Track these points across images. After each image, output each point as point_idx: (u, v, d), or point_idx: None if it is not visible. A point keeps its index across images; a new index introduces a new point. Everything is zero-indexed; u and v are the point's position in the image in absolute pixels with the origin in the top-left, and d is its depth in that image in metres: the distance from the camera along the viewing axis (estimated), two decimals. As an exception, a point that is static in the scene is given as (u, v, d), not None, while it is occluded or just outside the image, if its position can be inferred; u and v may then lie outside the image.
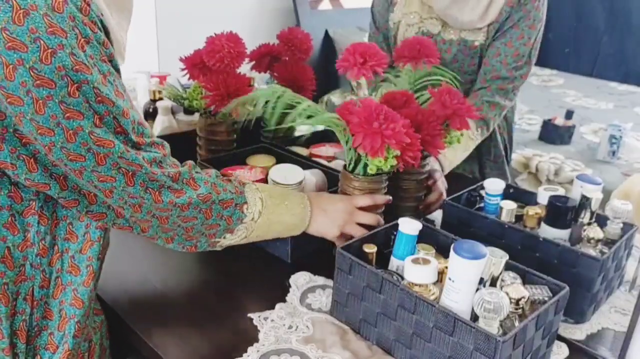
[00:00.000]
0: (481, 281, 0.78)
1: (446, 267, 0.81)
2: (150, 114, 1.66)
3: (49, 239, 0.77)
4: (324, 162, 1.37)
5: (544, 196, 1.05)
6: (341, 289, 0.90)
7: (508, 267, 0.84)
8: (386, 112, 0.94)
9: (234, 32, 1.26)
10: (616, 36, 3.62)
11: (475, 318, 0.76)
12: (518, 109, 1.71)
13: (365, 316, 0.87)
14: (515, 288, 0.79)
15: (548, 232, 1.01)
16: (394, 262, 0.92)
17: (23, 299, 0.76)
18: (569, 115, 2.49)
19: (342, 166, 1.06)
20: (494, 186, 1.08)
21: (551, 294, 0.82)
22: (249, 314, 0.92)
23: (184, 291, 1.01)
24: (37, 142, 0.68)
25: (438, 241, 0.95)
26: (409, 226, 0.90)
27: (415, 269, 0.81)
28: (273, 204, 0.93)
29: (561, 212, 1.00)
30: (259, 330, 0.89)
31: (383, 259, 0.94)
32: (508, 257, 0.80)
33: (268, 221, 0.92)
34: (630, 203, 0.98)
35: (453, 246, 0.76)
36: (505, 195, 1.10)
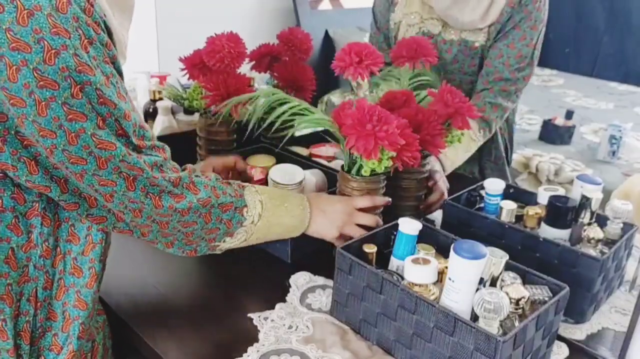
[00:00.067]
0: (481, 281, 0.78)
1: (446, 268, 0.81)
2: (150, 114, 1.66)
3: (52, 241, 0.77)
4: (324, 162, 1.37)
5: (544, 196, 1.05)
6: (341, 289, 0.90)
7: (508, 267, 0.84)
8: (379, 114, 0.94)
9: (234, 32, 1.26)
10: (616, 36, 3.62)
11: (475, 318, 0.76)
12: (518, 109, 1.72)
13: (366, 316, 0.87)
14: (515, 288, 0.79)
15: (548, 232, 1.01)
16: (394, 262, 0.92)
17: (27, 300, 0.76)
18: (569, 115, 2.49)
19: (340, 167, 1.06)
20: (494, 186, 1.08)
21: (551, 294, 0.82)
22: (249, 314, 0.92)
23: (184, 291, 1.01)
24: (39, 145, 0.68)
25: (438, 241, 0.95)
26: (409, 226, 0.90)
27: (415, 269, 0.81)
28: (273, 206, 0.93)
29: (561, 212, 1.00)
30: (259, 330, 0.89)
31: (383, 259, 0.93)
32: (508, 257, 0.80)
33: (268, 223, 0.92)
34: (631, 203, 0.98)
35: (453, 246, 0.76)
36: (505, 195, 1.10)
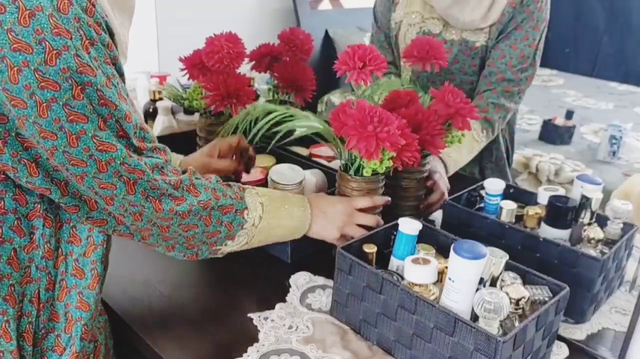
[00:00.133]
0: (481, 281, 0.78)
1: (446, 267, 0.81)
2: (150, 114, 1.66)
3: (54, 242, 0.76)
4: (324, 162, 1.37)
5: (544, 196, 1.05)
6: (341, 289, 0.90)
7: (508, 267, 0.84)
8: (380, 115, 0.94)
9: (234, 32, 1.26)
10: (616, 36, 3.62)
11: (475, 318, 0.76)
12: (519, 109, 1.73)
13: (366, 316, 0.87)
14: (516, 288, 0.79)
15: (548, 232, 1.01)
16: (394, 262, 0.92)
17: (29, 301, 0.76)
18: (569, 115, 2.49)
19: (339, 167, 1.06)
20: (494, 186, 1.08)
21: (551, 295, 0.82)
22: (249, 314, 0.92)
23: (184, 291, 1.00)
24: (40, 146, 0.68)
25: (438, 241, 0.95)
26: (409, 226, 0.90)
27: (415, 269, 0.81)
28: (273, 208, 0.92)
29: (561, 212, 1.00)
30: (259, 330, 0.89)
31: (383, 259, 0.93)
32: (508, 257, 0.80)
33: (268, 225, 0.92)
34: (631, 203, 0.98)
35: (453, 246, 0.76)
36: (505, 195, 1.10)
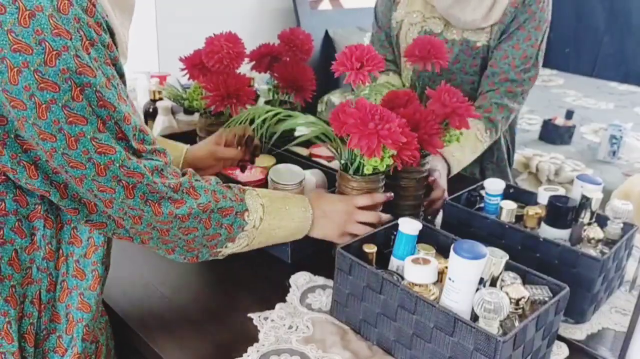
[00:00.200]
0: (481, 281, 0.78)
1: (446, 268, 0.81)
2: (150, 114, 1.66)
3: (55, 243, 0.76)
4: (324, 162, 1.37)
5: (544, 196, 1.05)
6: (341, 289, 0.90)
7: (508, 267, 0.84)
8: (381, 112, 0.94)
9: (234, 32, 1.26)
10: (616, 36, 3.62)
11: (475, 318, 0.76)
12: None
13: (366, 316, 0.87)
14: (516, 288, 0.79)
15: (548, 232, 1.01)
16: (394, 262, 0.92)
17: (30, 302, 0.76)
18: (569, 115, 2.49)
19: (339, 167, 1.06)
20: (494, 186, 1.08)
21: (551, 295, 0.82)
22: (249, 314, 0.92)
23: (184, 291, 1.00)
24: (39, 148, 0.67)
25: (438, 241, 0.95)
26: (409, 226, 0.90)
27: (415, 269, 0.81)
28: (274, 209, 0.92)
29: (561, 212, 1.00)
30: (259, 330, 0.89)
31: (383, 259, 0.93)
32: (508, 257, 0.80)
33: (269, 227, 0.91)
34: (631, 203, 0.98)
35: (453, 246, 0.76)
36: (505, 195, 1.10)
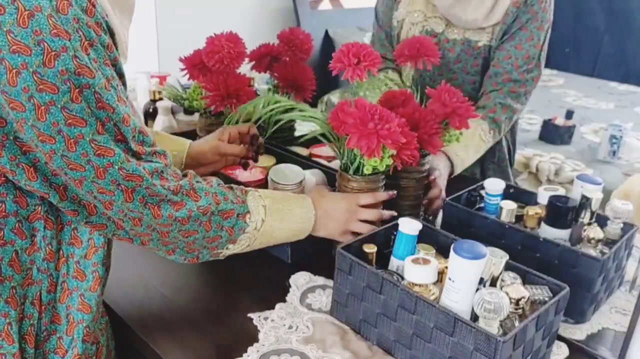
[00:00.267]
0: (481, 281, 0.78)
1: (446, 268, 0.81)
2: (150, 114, 1.66)
3: (55, 244, 0.76)
4: (324, 162, 1.37)
5: (544, 196, 1.05)
6: (341, 289, 0.90)
7: (508, 267, 0.84)
8: (381, 112, 0.94)
9: (234, 32, 1.26)
10: (616, 36, 3.62)
11: (475, 318, 0.76)
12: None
13: (366, 317, 0.87)
14: (516, 288, 0.79)
15: (548, 232, 1.01)
16: (394, 262, 0.92)
17: (30, 303, 0.76)
18: (569, 115, 2.49)
19: (339, 167, 1.06)
20: (494, 186, 1.08)
21: (551, 295, 0.82)
22: (249, 314, 0.92)
23: (184, 291, 1.00)
24: (38, 150, 0.67)
25: (438, 241, 0.95)
26: (409, 226, 0.90)
27: (415, 269, 0.81)
28: (276, 210, 0.91)
29: (561, 212, 1.00)
30: (259, 330, 0.89)
31: (383, 259, 0.93)
32: (508, 257, 0.80)
33: (271, 228, 0.91)
34: (631, 203, 0.98)
35: (453, 246, 0.76)
36: (505, 195, 1.10)
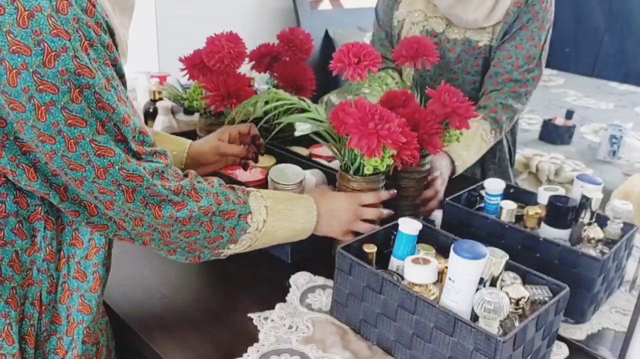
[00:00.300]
0: (481, 281, 0.78)
1: (446, 268, 0.81)
2: (150, 114, 1.66)
3: (56, 244, 0.76)
4: (324, 162, 1.37)
5: (544, 196, 1.05)
6: (341, 289, 0.90)
7: (508, 267, 0.84)
8: (381, 112, 0.94)
9: (234, 32, 1.26)
10: (616, 36, 3.62)
11: (475, 318, 0.76)
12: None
13: (366, 317, 0.87)
14: (516, 288, 0.79)
15: (548, 232, 1.01)
16: (394, 262, 0.92)
17: (30, 303, 0.76)
18: (569, 115, 2.49)
19: (339, 167, 1.06)
20: (494, 186, 1.08)
21: (551, 295, 0.82)
22: (249, 314, 0.92)
23: (184, 291, 1.00)
24: (38, 150, 0.67)
25: (438, 241, 0.95)
26: (409, 226, 0.90)
27: (415, 269, 0.81)
28: (278, 211, 0.91)
29: (561, 212, 1.00)
30: (259, 330, 0.89)
31: (383, 259, 0.93)
32: (508, 257, 0.80)
33: (273, 228, 0.91)
34: (631, 203, 0.98)
35: (453, 246, 0.76)
36: (505, 195, 1.10)
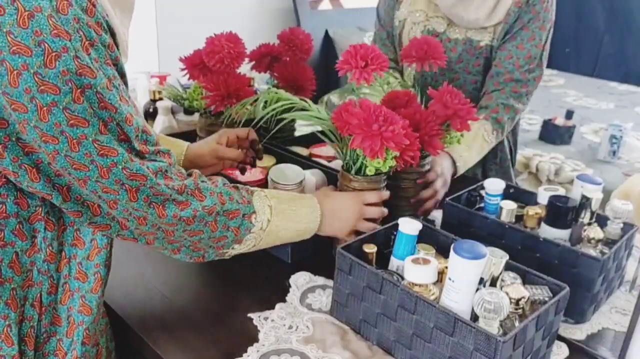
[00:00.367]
0: (481, 281, 0.78)
1: (446, 268, 0.81)
2: (150, 114, 1.66)
3: (56, 245, 0.76)
4: (324, 162, 1.37)
5: (544, 196, 1.05)
6: (341, 289, 0.90)
7: (508, 267, 0.84)
8: (385, 114, 0.94)
9: (234, 32, 1.26)
10: (616, 36, 3.62)
11: (475, 318, 0.76)
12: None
13: (366, 317, 0.87)
14: (516, 288, 0.79)
15: (548, 232, 1.01)
16: (394, 262, 0.92)
17: (30, 305, 0.75)
18: (569, 115, 2.49)
19: (341, 167, 1.06)
20: (494, 186, 1.08)
21: (551, 295, 0.82)
22: (249, 314, 0.92)
23: (185, 292, 1.00)
24: (41, 150, 0.67)
25: (438, 241, 0.95)
26: (409, 226, 0.90)
27: (415, 269, 0.81)
28: (282, 211, 0.91)
29: (561, 212, 1.00)
30: (259, 330, 0.89)
31: (383, 259, 0.93)
32: (508, 257, 0.80)
33: (277, 228, 0.90)
34: (631, 203, 0.98)
35: (453, 246, 0.76)
36: (505, 195, 1.10)
